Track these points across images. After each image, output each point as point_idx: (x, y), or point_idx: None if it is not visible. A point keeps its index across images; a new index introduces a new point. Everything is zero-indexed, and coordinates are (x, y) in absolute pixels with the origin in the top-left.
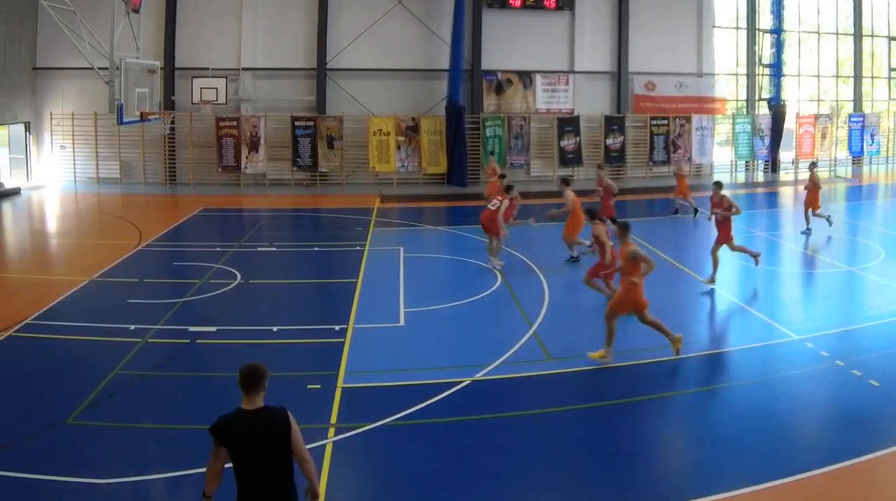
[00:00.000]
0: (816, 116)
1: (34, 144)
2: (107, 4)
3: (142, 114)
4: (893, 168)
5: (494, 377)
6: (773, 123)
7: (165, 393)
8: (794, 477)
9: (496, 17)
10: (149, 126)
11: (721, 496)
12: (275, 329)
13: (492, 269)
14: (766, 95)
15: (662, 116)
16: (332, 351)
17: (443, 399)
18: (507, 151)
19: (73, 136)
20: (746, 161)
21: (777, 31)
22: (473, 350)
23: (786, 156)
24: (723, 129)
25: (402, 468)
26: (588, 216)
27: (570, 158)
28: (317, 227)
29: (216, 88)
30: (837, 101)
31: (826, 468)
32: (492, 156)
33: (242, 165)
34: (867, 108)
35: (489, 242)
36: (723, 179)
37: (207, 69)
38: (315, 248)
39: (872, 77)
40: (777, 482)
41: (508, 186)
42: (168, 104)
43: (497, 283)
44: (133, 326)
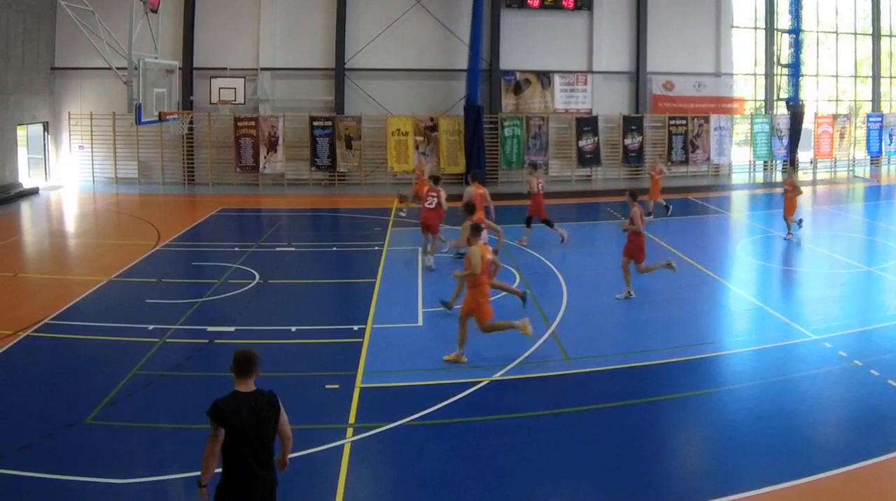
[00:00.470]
0: (835, 116)
1: (52, 144)
2: (125, 4)
3: (160, 114)
4: None
5: (512, 377)
6: (792, 123)
7: (183, 393)
8: (813, 477)
9: (514, 17)
10: (167, 126)
11: (739, 496)
12: (293, 329)
13: (427, 268)
14: (785, 95)
15: (681, 116)
16: (351, 351)
17: (461, 399)
18: (526, 151)
19: (92, 136)
20: (765, 161)
21: (795, 31)
22: (492, 350)
23: (804, 156)
24: (741, 129)
25: (420, 467)
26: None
27: (589, 158)
28: (335, 227)
29: (234, 88)
30: (856, 101)
31: (845, 468)
32: (423, 156)
33: (261, 165)
34: (885, 108)
35: (426, 242)
36: (741, 179)
37: (226, 69)
38: (333, 248)
39: (891, 77)
40: (795, 482)
41: (436, 177)
42: (186, 104)
43: (515, 283)
44: (151, 326)
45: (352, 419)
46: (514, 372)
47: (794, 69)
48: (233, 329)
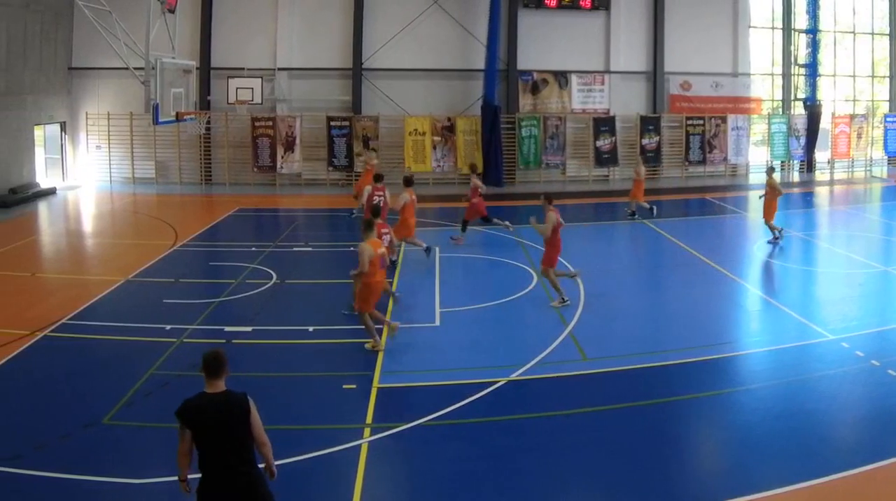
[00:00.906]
0: (852, 116)
1: (70, 144)
2: (142, 4)
3: (177, 114)
4: None
5: (530, 377)
6: (809, 123)
7: None
8: (830, 478)
9: (532, 17)
10: (184, 126)
11: (756, 496)
12: (310, 329)
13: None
14: (802, 95)
15: (698, 116)
16: (368, 352)
17: (478, 399)
18: (543, 151)
19: (109, 136)
20: (782, 161)
21: (813, 31)
22: (509, 350)
23: (821, 156)
24: (758, 129)
25: (437, 468)
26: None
27: (606, 158)
28: (352, 227)
29: (252, 88)
30: (873, 101)
31: (862, 468)
32: (373, 151)
33: (278, 165)
34: None
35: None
36: (758, 179)
37: (243, 69)
38: (351, 248)
39: None
40: (812, 482)
41: (378, 175)
42: (204, 104)
43: (533, 284)
44: (169, 326)
45: (369, 419)
46: (532, 373)
47: (812, 69)
48: (250, 329)
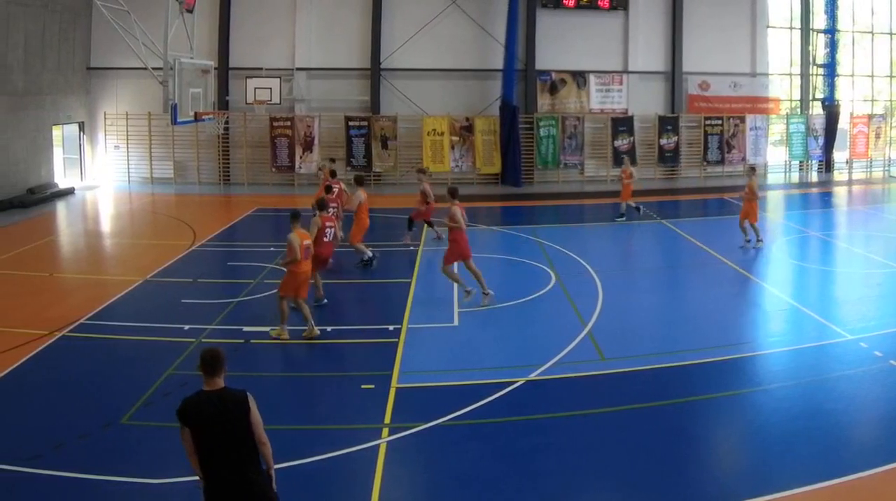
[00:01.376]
0: (870, 116)
1: (88, 144)
2: (161, 4)
3: (196, 114)
4: None
5: (548, 377)
6: (827, 123)
7: None
8: (848, 477)
9: (550, 17)
10: (203, 126)
11: (775, 496)
12: (329, 329)
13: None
14: (820, 95)
15: (716, 116)
16: (387, 351)
17: (497, 399)
18: (561, 151)
19: (127, 136)
20: (800, 161)
21: (831, 31)
22: (527, 350)
23: (839, 156)
24: (777, 129)
25: (456, 468)
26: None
27: (624, 158)
28: (371, 227)
29: (270, 88)
30: (891, 101)
31: (880, 468)
32: (332, 163)
33: (296, 165)
34: None
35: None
36: (776, 179)
37: (261, 69)
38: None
39: None
40: (831, 482)
41: (328, 188)
42: (222, 104)
43: (551, 284)
44: (187, 326)
45: (387, 419)
46: (550, 373)
47: (830, 69)
48: (268, 329)
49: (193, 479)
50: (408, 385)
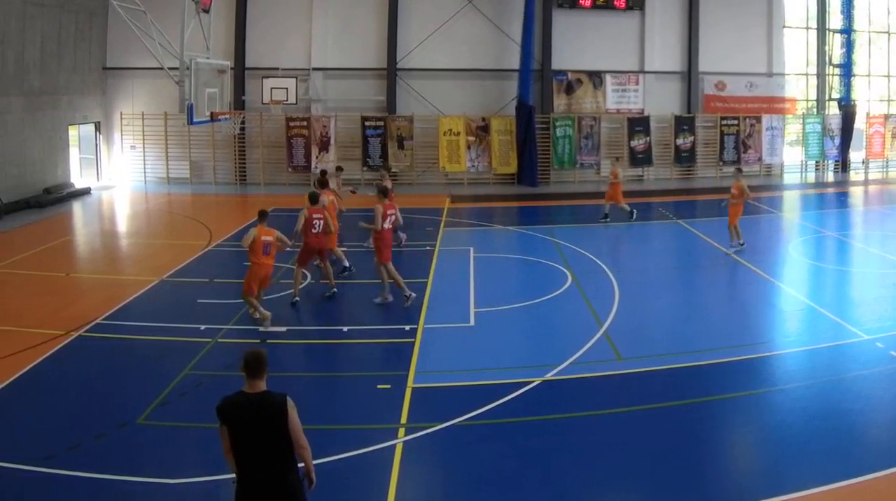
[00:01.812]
0: (887, 116)
1: (104, 144)
2: (177, 4)
3: (212, 114)
4: None
5: (565, 377)
6: (844, 123)
7: None
8: (864, 478)
9: (566, 17)
10: (219, 126)
11: (791, 496)
12: (345, 329)
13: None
14: (837, 95)
15: (733, 116)
16: (403, 351)
17: (513, 399)
18: (578, 151)
19: (144, 136)
20: (816, 161)
21: (847, 31)
22: (543, 350)
23: (856, 156)
24: (793, 129)
25: (472, 468)
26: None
27: (640, 158)
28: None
29: (286, 88)
30: None
31: None
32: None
33: (313, 165)
34: None
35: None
36: (792, 179)
37: (277, 69)
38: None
39: None
40: (847, 482)
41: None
42: (238, 104)
43: (567, 284)
44: (203, 326)
45: (404, 419)
46: (566, 372)
47: (846, 69)
48: (284, 329)
49: (210, 479)
50: (424, 385)
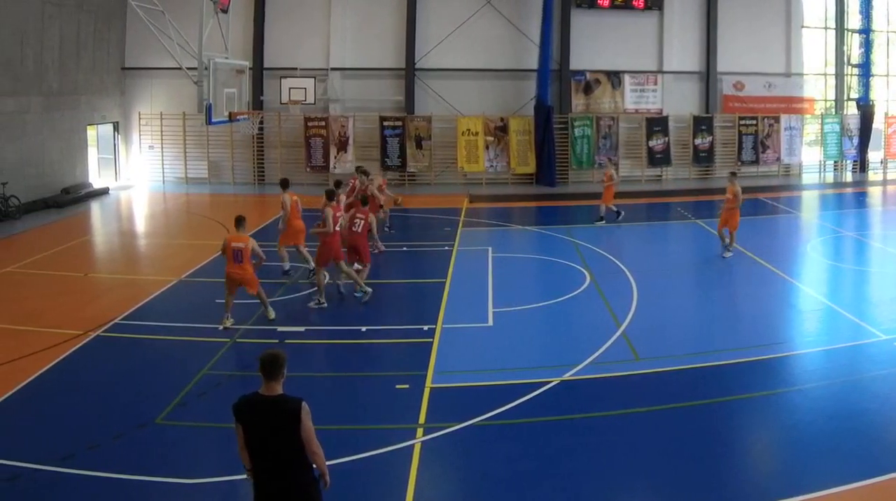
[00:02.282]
0: None
1: (123, 144)
2: (195, 4)
3: (230, 114)
4: None
5: (583, 377)
6: (862, 123)
7: None
8: (883, 478)
9: (584, 17)
10: (237, 126)
11: (809, 496)
12: (363, 329)
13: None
14: (855, 95)
15: (751, 116)
16: (421, 351)
17: (531, 399)
18: (596, 151)
19: (162, 136)
20: (835, 161)
21: (866, 31)
22: (562, 350)
23: (874, 156)
24: (811, 130)
25: (491, 468)
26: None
27: (659, 158)
28: (405, 228)
29: (305, 88)
30: None
31: None
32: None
33: (331, 165)
34: None
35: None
36: (811, 179)
37: (296, 69)
38: (403, 248)
39: None
40: (864, 482)
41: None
42: (256, 104)
43: (586, 284)
44: (221, 326)
45: (422, 419)
46: (584, 373)
47: (865, 69)
48: (303, 329)
49: (229, 479)
50: (442, 385)
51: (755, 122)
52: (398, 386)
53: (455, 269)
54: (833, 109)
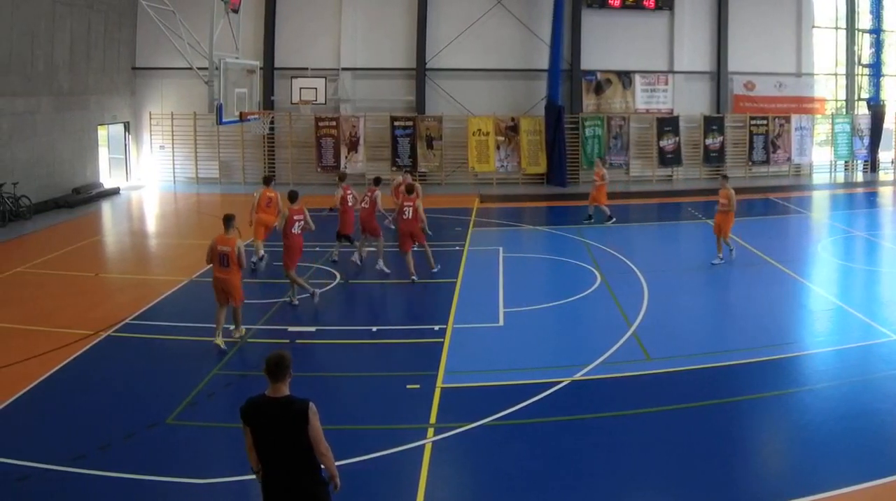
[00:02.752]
0: None
1: (133, 144)
2: (206, 4)
3: (241, 114)
4: None
5: (594, 377)
6: (873, 123)
7: None
8: (894, 478)
9: (595, 17)
10: (248, 126)
11: (820, 496)
12: (374, 329)
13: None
14: (866, 95)
15: (762, 116)
16: (432, 351)
17: (542, 399)
18: (607, 151)
19: (173, 136)
20: (846, 161)
21: (876, 31)
22: (572, 350)
23: (885, 156)
24: (822, 130)
25: (501, 467)
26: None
27: (670, 158)
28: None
29: (315, 88)
30: None
31: None
32: (407, 172)
33: (342, 165)
34: None
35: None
36: (822, 179)
37: (307, 69)
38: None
39: None
40: (877, 482)
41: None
42: (267, 104)
43: (596, 283)
44: (232, 326)
45: (433, 419)
46: (595, 372)
47: (876, 69)
48: (314, 329)
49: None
50: (453, 385)
51: (766, 122)
52: (409, 386)
53: (466, 269)
54: (844, 109)
